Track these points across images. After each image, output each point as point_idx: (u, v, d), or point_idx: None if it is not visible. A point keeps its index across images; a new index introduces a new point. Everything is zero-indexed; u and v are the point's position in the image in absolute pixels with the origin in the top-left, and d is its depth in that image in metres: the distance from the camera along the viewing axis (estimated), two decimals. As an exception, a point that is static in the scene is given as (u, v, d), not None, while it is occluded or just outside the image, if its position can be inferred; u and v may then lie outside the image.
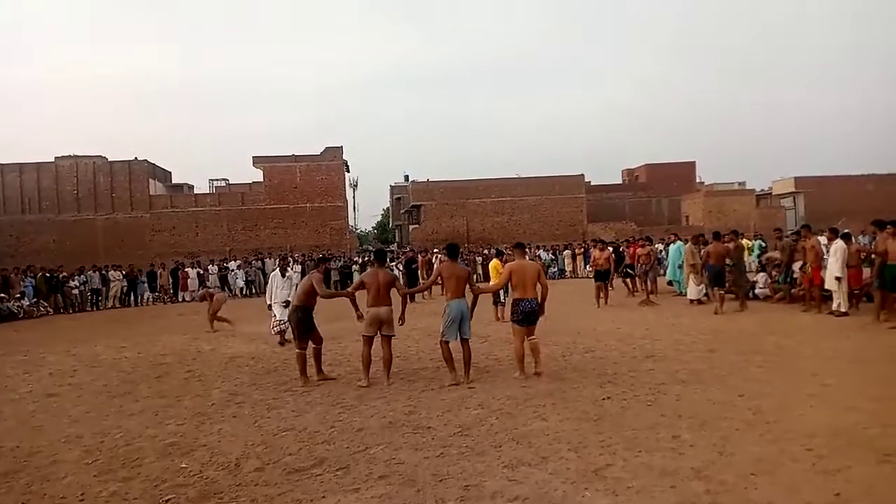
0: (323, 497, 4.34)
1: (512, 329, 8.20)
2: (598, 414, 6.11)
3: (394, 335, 8.14)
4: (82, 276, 25.16)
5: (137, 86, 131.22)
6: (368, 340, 7.99)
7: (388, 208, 71.30)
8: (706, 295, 15.28)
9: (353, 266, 31.15)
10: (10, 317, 20.94)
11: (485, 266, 29.90)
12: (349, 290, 8.64)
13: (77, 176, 35.57)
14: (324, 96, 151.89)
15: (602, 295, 16.56)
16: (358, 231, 64.66)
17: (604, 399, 6.67)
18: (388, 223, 70.10)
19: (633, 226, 42.47)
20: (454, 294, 7.98)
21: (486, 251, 31.76)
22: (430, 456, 5.09)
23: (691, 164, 61.84)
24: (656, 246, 18.94)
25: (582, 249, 30.11)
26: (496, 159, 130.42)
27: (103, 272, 25.98)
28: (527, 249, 9.65)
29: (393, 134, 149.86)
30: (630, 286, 18.94)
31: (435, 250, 30.28)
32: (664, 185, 54.90)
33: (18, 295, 22.28)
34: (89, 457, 5.55)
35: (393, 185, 64.41)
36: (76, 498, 4.58)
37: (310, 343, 8.53)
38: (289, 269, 12.93)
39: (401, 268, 23.06)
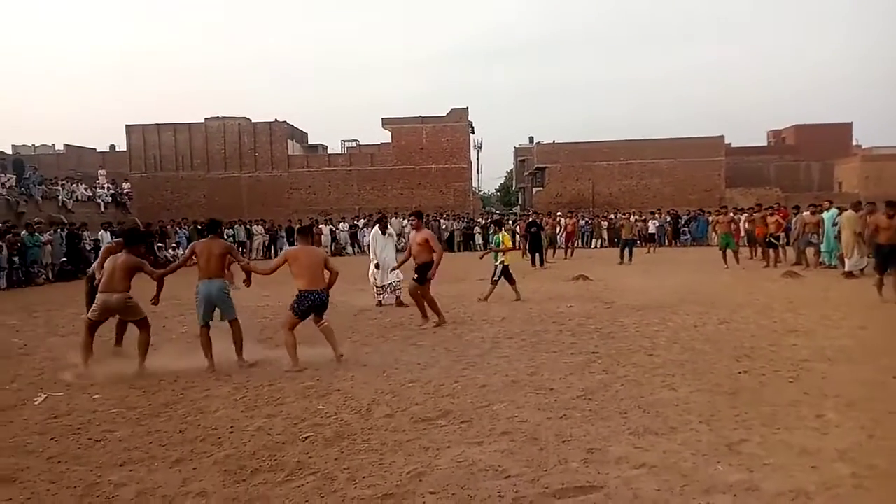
0: (448, 447, 4.48)
1: (287, 317, 7.23)
2: (732, 387, 5.82)
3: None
4: (230, 229, 27.26)
5: (279, 54, 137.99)
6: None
7: (511, 170, 70.85)
8: (862, 270, 13.94)
9: (476, 228, 31.42)
10: (167, 264, 23.11)
11: (611, 230, 29.18)
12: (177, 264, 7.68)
13: (224, 136, 38.22)
14: (450, 59, 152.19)
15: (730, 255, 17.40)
16: (481, 193, 64.87)
17: (740, 373, 6.33)
18: (512, 185, 69.70)
19: (777, 191, 39.35)
20: (205, 274, 6.99)
21: (612, 216, 30.87)
22: (553, 417, 5.09)
23: (847, 126, 56.13)
24: (803, 214, 17.45)
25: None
26: (626, 120, 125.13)
27: (247, 226, 28.05)
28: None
29: (518, 96, 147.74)
30: (772, 256, 17.74)
31: (559, 213, 29.81)
32: (815, 147, 50.25)
33: (174, 245, 24.59)
34: (237, 393, 6.06)
35: (517, 146, 63.75)
36: (227, 430, 5.02)
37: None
38: (389, 226, 12.54)
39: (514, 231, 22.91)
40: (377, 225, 12.26)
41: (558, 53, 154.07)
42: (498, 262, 11.94)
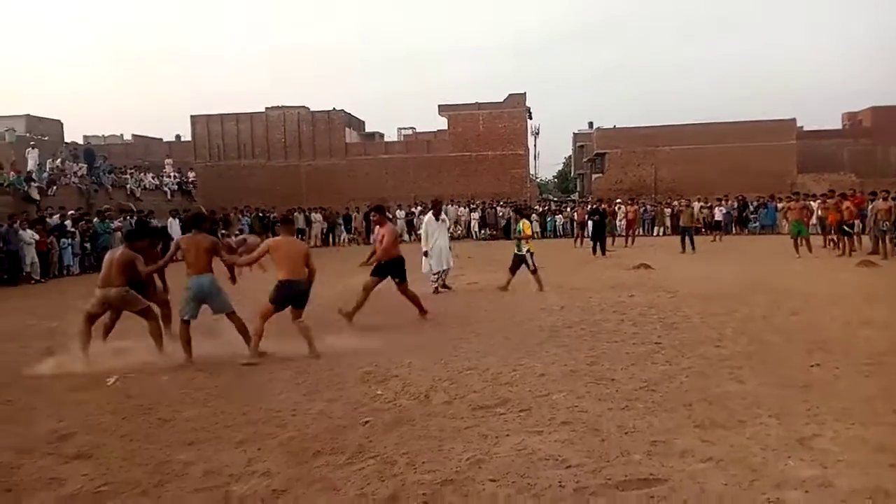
0: (507, 435, 4.44)
1: (263, 306, 7.03)
2: (804, 381, 5.57)
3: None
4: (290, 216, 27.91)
5: (338, 42, 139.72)
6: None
7: (569, 157, 69.83)
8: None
9: (533, 215, 31.12)
10: (230, 251, 23.82)
11: (674, 218, 28.37)
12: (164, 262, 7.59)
13: (284, 125, 38.99)
14: (507, 44, 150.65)
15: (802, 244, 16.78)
16: (538, 179, 64.21)
17: (812, 366, 6.06)
18: (570, 172, 68.74)
19: (851, 177, 37.44)
20: (196, 270, 6.95)
21: (675, 202, 29.99)
22: (615, 408, 4.99)
23: (929, 107, 52.80)
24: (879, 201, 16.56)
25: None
26: (692, 103, 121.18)
27: (307, 214, 28.62)
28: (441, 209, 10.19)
29: (577, 81, 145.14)
30: (846, 245, 16.94)
31: (618, 201, 29.21)
32: (893, 130, 47.56)
33: (237, 232, 25.27)
34: (299, 377, 6.19)
35: (576, 132, 62.77)
36: (289, 412, 5.13)
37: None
38: (443, 213, 12.55)
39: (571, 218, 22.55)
40: (431, 211, 12.27)
41: (620, 35, 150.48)
42: (524, 251, 11.68)
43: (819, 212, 20.49)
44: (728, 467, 3.82)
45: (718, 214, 27.55)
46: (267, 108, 39.64)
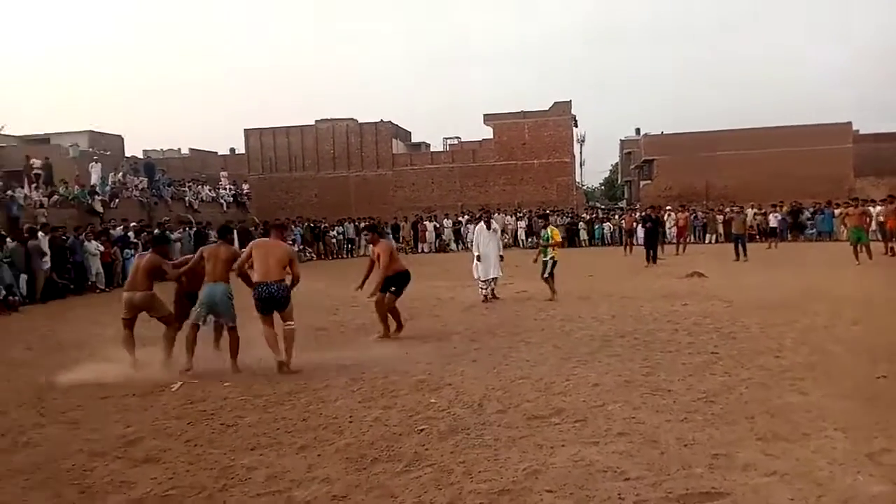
0: (563, 445, 4.42)
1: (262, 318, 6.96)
2: (870, 393, 5.38)
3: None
4: (340, 227, 28.43)
5: (381, 53, 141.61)
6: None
7: (616, 164, 68.92)
8: None
9: (580, 223, 30.86)
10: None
11: (727, 224, 27.69)
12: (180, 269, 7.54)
13: (333, 137, 39.69)
14: (551, 52, 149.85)
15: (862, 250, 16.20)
16: (584, 187, 63.54)
17: (878, 377, 5.84)
18: (617, 179, 67.82)
19: (913, 181, 35.94)
20: (212, 279, 7.05)
21: (728, 208, 29.26)
22: (673, 420, 4.91)
23: None
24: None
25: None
26: (742, 109, 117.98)
27: (356, 224, 29.02)
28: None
29: (625, 87, 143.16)
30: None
31: (668, 208, 28.70)
32: (959, 132, 45.40)
33: (290, 242, 25.81)
34: (354, 385, 6.29)
35: (623, 139, 61.93)
36: (346, 419, 5.22)
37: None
38: (494, 222, 12.63)
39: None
40: (482, 221, 12.35)
41: (665, 38, 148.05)
42: (548, 258, 11.66)
43: (879, 217, 19.70)
44: (793, 481, 3.73)
45: (773, 221, 26.76)
46: (316, 121, 40.42)
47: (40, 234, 15.66)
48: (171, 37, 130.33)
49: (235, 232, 22.42)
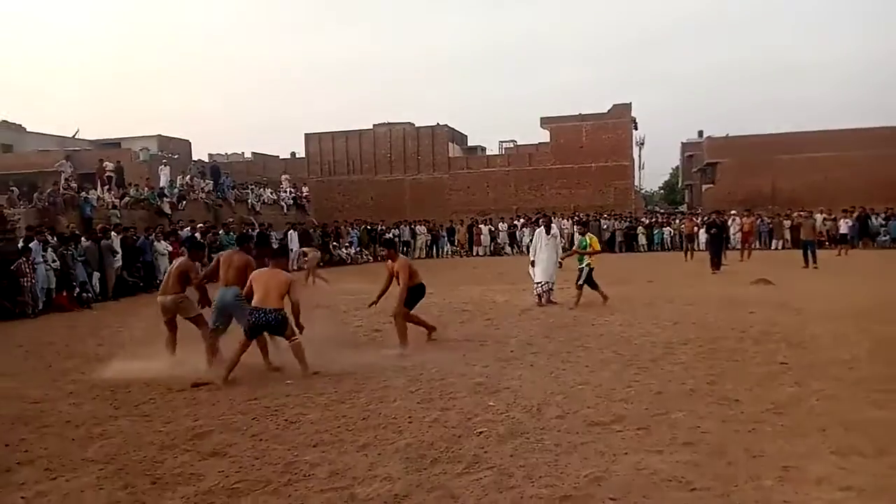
0: (625, 453, 4.34)
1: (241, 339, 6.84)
2: (956, 409, 5.08)
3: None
4: (395, 229, 28.74)
5: (438, 56, 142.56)
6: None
7: (677, 167, 67.29)
8: None
9: (639, 227, 30.27)
10: (340, 262, 24.81)
11: (794, 230, 26.63)
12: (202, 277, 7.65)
13: (390, 141, 40.12)
14: (611, 52, 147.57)
15: None
16: (644, 191, 62.29)
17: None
18: (678, 182, 66.21)
19: None
20: (223, 282, 7.28)
21: (795, 213, 28.15)
22: (741, 430, 4.76)
23: None
24: None
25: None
26: (813, 109, 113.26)
27: (412, 227, 29.31)
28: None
29: (687, 88, 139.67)
30: None
31: (733, 212, 27.83)
32: None
33: (347, 244, 26.27)
34: (412, 385, 6.33)
35: (684, 141, 60.46)
36: (405, 419, 5.26)
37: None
38: (553, 226, 12.55)
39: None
40: (542, 225, 12.30)
41: (730, 37, 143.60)
42: (584, 265, 11.38)
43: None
44: (871, 498, 3.58)
45: (844, 227, 25.62)
46: (374, 125, 40.98)
47: (112, 233, 16.40)
48: (235, 47, 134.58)
49: (287, 233, 22.96)
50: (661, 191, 75.99)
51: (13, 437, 5.16)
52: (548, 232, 11.93)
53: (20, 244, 13.37)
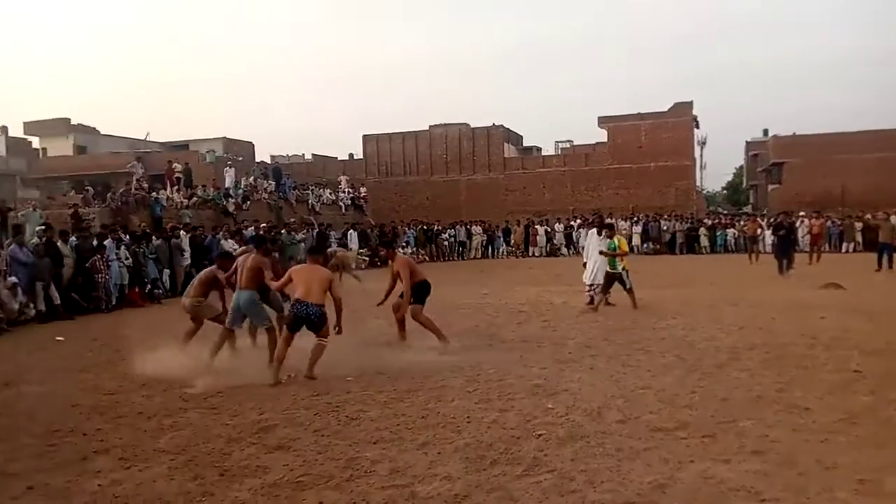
0: (691, 461, 4.24)
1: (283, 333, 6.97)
2: None
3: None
4: (451, 229, 28.89)
5: (494, 54, 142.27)
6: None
7: (741, 167, 65.18)
8: None
9: (701, 228, 29.47)
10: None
11: (866, 232, 25.41)
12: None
13: (446, 142, 40.29)
14: (675, 49, 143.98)
15: None
16: (705, 192, 60.56)
17: None
18: (742, 183, 64.12)
19: None
20: (239, 285, 7.39)
21: (868, 215, 26.86)
22: (812, 440, 4.59)
23: None
24: None
25: None
26: (882, 108, 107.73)
27: (467, 227, 29.38)
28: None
29: (752, 85, 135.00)
30: None
31: (801, 213, 26.77)
32: None
33: (404, 244, 26.50)
34: (470, 385, 6.35)
35: (749, 140, 58.54)
36: (464, 419, 5.28)
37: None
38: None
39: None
40: (595, 226, 12.16)
41: (798, 31, 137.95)
42: (619, 269, 11.06)
43: None
44: (958, 517, 3.37)
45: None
46: (431, 126, 41.23)
47: (182, 232, 17.02)
48: (297, 52, 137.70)
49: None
50: (724, 191, 73.76)
51: (90, 426, 5.42)
52: (599, 233, 11.75)
53: (95, 242, 14.01)
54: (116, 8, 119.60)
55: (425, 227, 28.63)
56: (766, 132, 51.79)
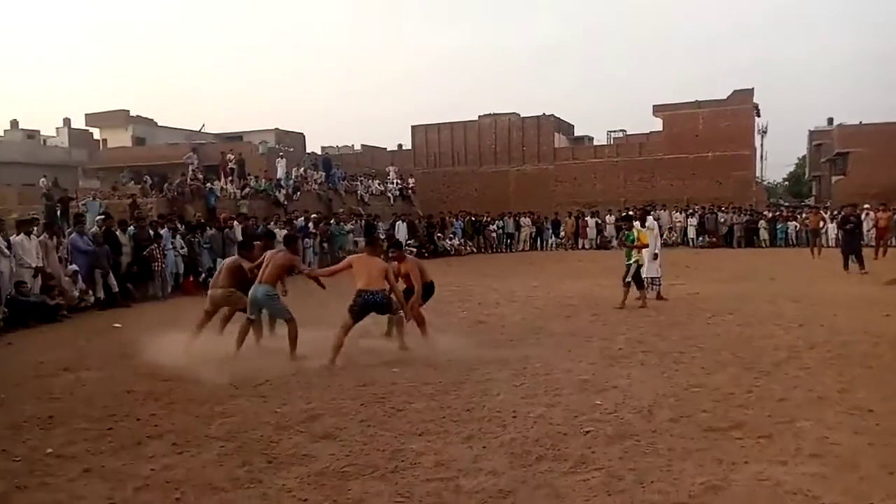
0: (745, 462, 4.08)
1: (344, 319, 7.14)
2: None
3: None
4: (500, 221, 28.72)
5: (545, 45, 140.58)
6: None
7: (803, 157, 62.71)
8: None
9: (761, 221, 28.49)
10: (444, 253, 25.07)
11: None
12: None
13: (495, 132, 39.98)
14: (733, 36, 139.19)
15: None
16: (766, 182, 58.52)
17: None
18: (804, 173, 61.70)
19: None
20: (260, 280, 7.50)
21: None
22: (875, 443, 4.36)
23: None
24: None
25: None
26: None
27: (516, 218, 29.16)
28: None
29: (815, 72, 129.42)
30: None
31: (866, 206, 25.56)
32: None
33: (451, 235, 26.51)
34: (516, 380, 6.28)
35: (812, 129, 56.20)
36: (509, 414, 5.22)
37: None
38: (648, 220, 11.89)
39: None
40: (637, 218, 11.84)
41: (863, 18, 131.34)
42: (631, 262, 10.63)
43: None
44: None
45: None
46: (480, 117, 40.99)
47: (234, 222, 17.40)
48: (347, 44, 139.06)
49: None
50: (786, 182, 71.19)
51: (145, 412, 5.57)
52: (643, 224, 11.38)
53: (151, 232, 14.45)
54: (178, 5, 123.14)
55: (473, 219, 28.56)
56: (830, 121, 49.62)
